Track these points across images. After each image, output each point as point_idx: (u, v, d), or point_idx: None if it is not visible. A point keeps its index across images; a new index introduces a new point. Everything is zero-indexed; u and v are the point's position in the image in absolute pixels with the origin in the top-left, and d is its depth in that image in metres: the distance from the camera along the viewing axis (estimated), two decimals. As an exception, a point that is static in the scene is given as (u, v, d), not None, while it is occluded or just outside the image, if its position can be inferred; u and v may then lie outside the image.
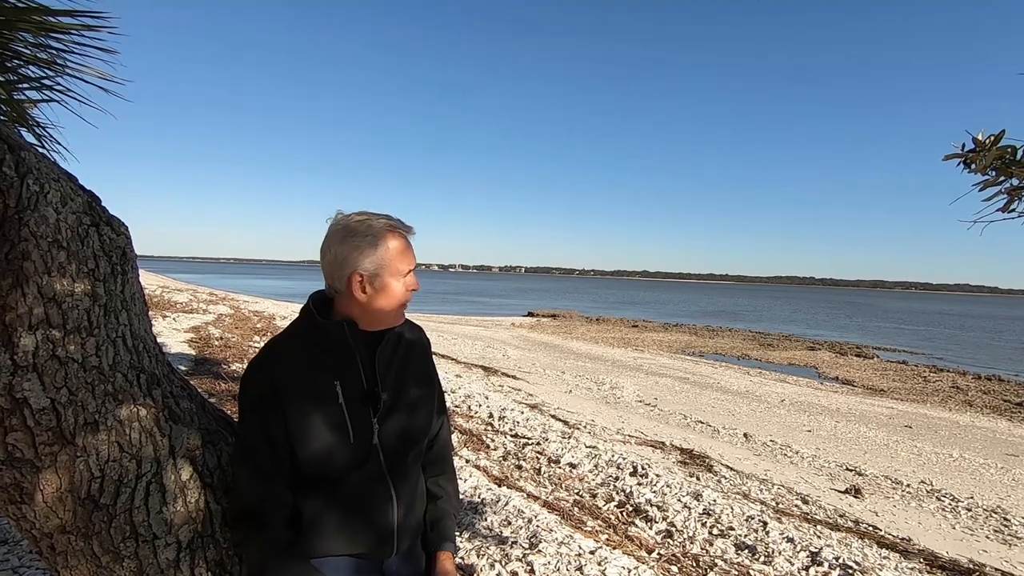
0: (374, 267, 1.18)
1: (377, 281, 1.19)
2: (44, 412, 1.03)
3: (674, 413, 9.22)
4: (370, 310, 1.21)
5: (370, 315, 1.22)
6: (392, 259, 1.19)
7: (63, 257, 1.06)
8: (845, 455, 7.56)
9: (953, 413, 11.64)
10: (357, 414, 1.20)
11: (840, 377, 15.86)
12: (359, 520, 1.21)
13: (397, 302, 1.23)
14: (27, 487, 1.06)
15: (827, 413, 10.54)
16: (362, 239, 1.18)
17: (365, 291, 1.19)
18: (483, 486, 3.65)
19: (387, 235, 1.19)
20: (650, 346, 20.65)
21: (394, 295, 1.21)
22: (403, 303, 1.24)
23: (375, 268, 1.18)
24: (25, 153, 1.04)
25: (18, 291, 1.00)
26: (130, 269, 1.21)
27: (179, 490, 1.18)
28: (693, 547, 3.30)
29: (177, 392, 1.27)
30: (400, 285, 1.22)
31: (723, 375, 14.66)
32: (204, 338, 9.05)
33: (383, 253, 1.18)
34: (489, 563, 2.59)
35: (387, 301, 1.21)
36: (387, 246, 1.19)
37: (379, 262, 1.18)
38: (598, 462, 4.78)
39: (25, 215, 1.01)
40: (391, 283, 1.20)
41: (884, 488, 6.11)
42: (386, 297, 1.21)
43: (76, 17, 2.22)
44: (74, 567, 1.13)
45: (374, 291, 1.19)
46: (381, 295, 1.20)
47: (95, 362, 1.10)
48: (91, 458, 1.08)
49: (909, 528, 4.88)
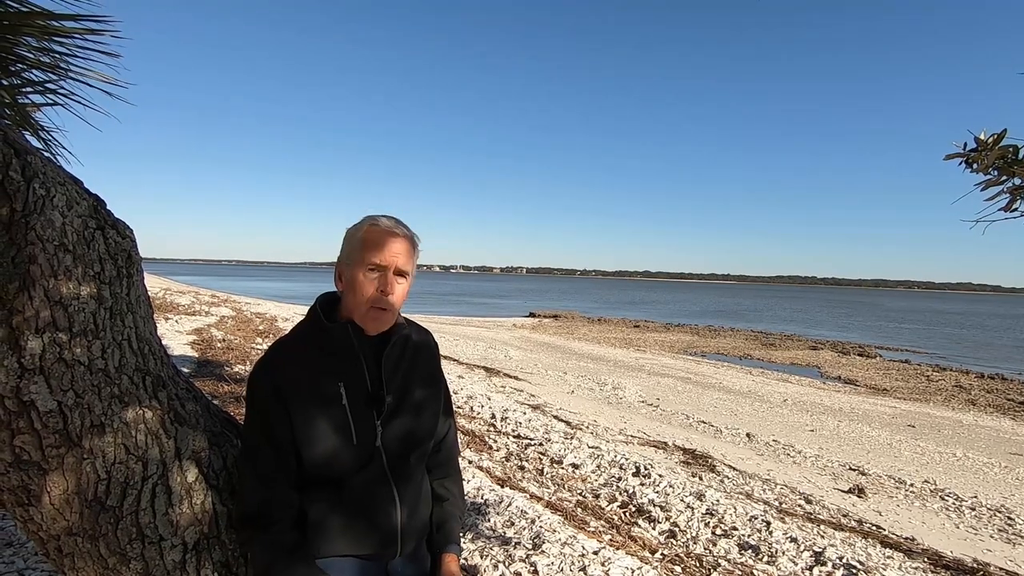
0: (345, 257, 1.22)
1: (347, 271, 1.21)
2: (51, 415, 1.04)
3: (676, 413, 9.22)
4: (348, 305, 1.21)
5: (348, 310, 1.22)
6: (358, 248, 1.19)
7: (69, 260, 1.06)
8: (848, 455, 7.55)
9: (956, 412, 11.62)
10: (361, 417, 1.20)
11: (843, 376, 15.83)
12: (363, 522, 1.22)
13: (364, 299, 1.18)
14: (34, 489, 1.07)
15: (830, 413, 10.52)
16: (351, 233, 1.23)
17: (342, 280, 1.23)
18: (486, 487, 3.65)
19: (364, 226, 1.21)
20: (652, 346, 20.64)
21: (359, 290, 1.18)
22: (373, 304, 1.19)
23: (345, 258, 1.22)
24: (31, 157, 1.04)
25: (25, 294, 1.01)
26: (135, 272, 1.22)
27: (185, 492, 1.19)
28: (696, 547, 3.30)
29: (182, 394, 1.28)
30: (366, 280, 1.18)
31: (725, 375, 14.64)
32: (206, 340, 9.06)
33: (354, 243, 1.21)
34: (493, 564, 2.60)
35: (354, 297, 1.19)
36: (359, 236, 1.21)
37: (349, 251, 1.21)
38: (601, 462, 4.78)
39: (31, 219, 1.01)
40: (357, 276, 1.18)
41: (887, 488, 6.09)
42: (353, 292, 1.19)
43: (79, 21, 2.23)
44: (81, 569, 1.14)
45: (344, 283, 1.22)
46: (349, 290, 1.20)
47: (101, 365, 1.10)
48: (97, 460, 1.09)
49: (913, 528, 4.87)
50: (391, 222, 1.22)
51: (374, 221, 1.22)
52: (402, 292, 1.24)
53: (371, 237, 1.20)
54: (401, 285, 1.23)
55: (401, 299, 1.24)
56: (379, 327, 1.23)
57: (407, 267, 1.23)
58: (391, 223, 1.22)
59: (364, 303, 1.19)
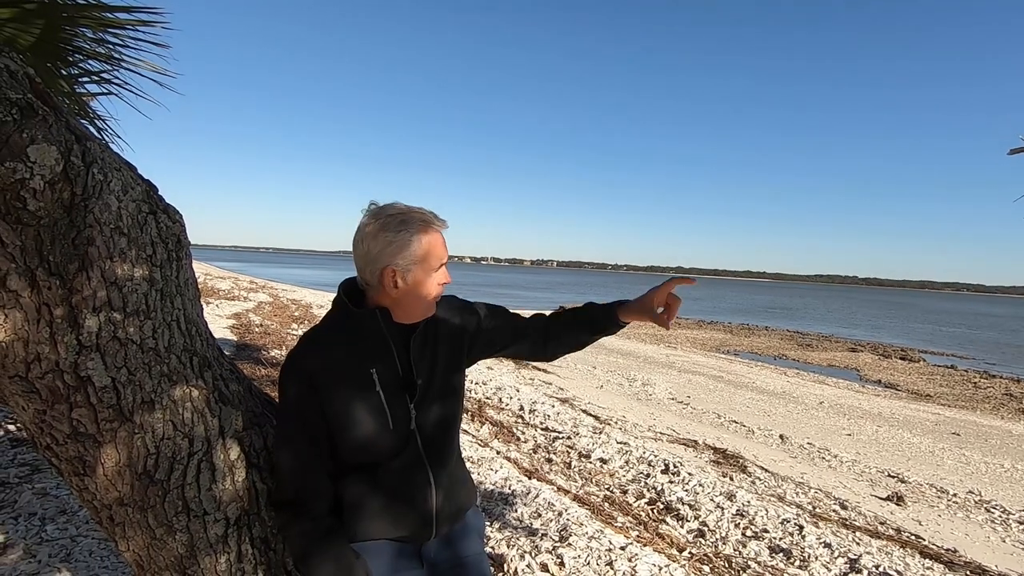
0: (407, 263, 1.19)
1: (409, 276, 1.20)
2: (106, 390, 1.09)
3: (707, 412, 9.07)
4: (402, 303, 1.23)
5: (402, 308, 1.24)
6: (425, 255, 1.20)
7: (124, 243, 1.10)
8: (887, 461, 7.29)
9: (1005, 421, 11.07)
10: (395, 401, 1.22)
11: (883, 380, 15.27)
12: (400, 505, 1.24)
13: (429, 297, 1.25)
14: (89, 460, 1.12)
15: (868, 417, 10.18)
16: (395, 235, 1.18)
17: (397, 286, 1.20)
18: (513, 478, 3.67)
19: (420, 231, 1.20)
20: (683, 343, 20.33)
21: (426, 290, 1.23)
22: (435, 297, 1.27)
23: (407, 264, 1.19)
24: (90, 143, 1.09)
25: (83, 275, 1.05)
26: (184, 256, 1.26)
27: (228, 469, 1.23)
28: (726, 548, 3.25)
29: (226, 375, 1.32)
30: (432, 280, 1.24)
31: (759, 374, 14.31)
32: (245, 324, 9.35)
33: (416, 249, 1.19)
34: (519, 554, 2.61)
35: (419, 296, 1.23)
36: (420, 242, 1.19)
37: (412, 258, 1.19)
38: (629, 458, 4.75)
39: (90, 202, 1.06)
40: (423, 279, 1.22)
41: (928, 497, 5.87)
42: (418, 292, 1.22)
43: (132, 13, 2.31)
44: (131, 538, 1.19)
45: (407, 285, 1.21)
46: (413, 290, 1.22)
47: (152, 344, 1.15)
48: (147, 435, 1.14)
49: (955, 539, 4.68)
50: (433, 217, 1.23)
51: (429, 218, 1.22)
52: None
53: (432, 241, 1.21)
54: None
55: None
56: (431, 311, 1.29)
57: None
58: (436, 219, 1.23)
59: (429, 299, 1.26)
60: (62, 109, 1.08)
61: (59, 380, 1.06)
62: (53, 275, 1.03)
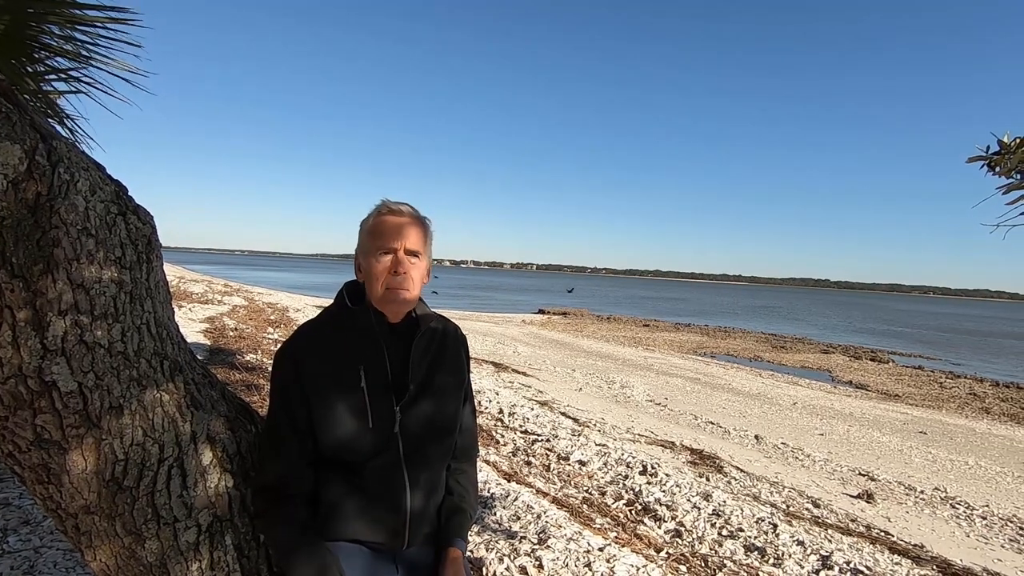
0: (361, 247, 1.24)
1: (363, 260, 1.23)
2: (72, 395, 1.06)
3: (684, 413, 9.18)
4: (373, 295, 1.23)
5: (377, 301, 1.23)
6: (368, 235, 1.22)
7: (92, 245, 1.08)
8: (857, 459, 7.47)
9: (969, 420, 11.45)
10: (379, 402, 1.21)
11: (854, 381, 15.65)
12: (374, 508, 1.23)
13: (377, 282, 1.19)
14: (54, 468, 1.09)
15: (840, 417, 10.42)
16: (362, 223, 1.26)
17: (361, 270, 1.24)
18: (492, 481, 3.66)
19: (372, 215, 1.24)
20: (661, 346, 20.54)
21: (375, 275, 1.19)
22: (388, 286, 1.19)
23: (361, 248, 1.24)
24: (56, 142, 1.06)
25: (48, 277, 1.03)
26: (155, 258, 1.24)
27: (200, 475, 1.21)
28: (702, 547, 3.29)
29: (199, 379, 1.30)
30: (378, 265, 1.19)
31: (735, 376, 14.54)
32: (219, 329, 9.16)
33: (363, 232, 1.24)
34: (498, 557, 2.61)
35: (370, 284, 1.21)
36: (367, 224, 1.23)
37: (362, 242, 1.24)
38: (607, 460, 4.78)
39: (56, 203, 1.03)
40: (371, 262, 1.20)
41: (897, 494, 6.03)
42: (369, 279, 1.21)
43: (102, 10, 2.26)
44: (98, 547, 1.16)
45: (363, 272, 1.23)
46: (367, 276, 1.22)
47: (121, 348, 1.12)
48: (116, 441, 1.11)
49: (922, 535, 4.82)
50: (398, 204, 1.24)
51: (381, 206, 1.24)
52: (418, 274, 1.23)
53: (379, 221, 1.22)
54: (415, 266, 1.22)
55: (419, 281, 1.23)
56: (399, 310, 1.24)
57: (418, 247, 1.22)
58: (398, 205, 1.24)
59: (380, 287, 1.20)
60: (27, 107, 1.05)
61: (22, 385, 1.03)
62: (16, 277, 1.00)
